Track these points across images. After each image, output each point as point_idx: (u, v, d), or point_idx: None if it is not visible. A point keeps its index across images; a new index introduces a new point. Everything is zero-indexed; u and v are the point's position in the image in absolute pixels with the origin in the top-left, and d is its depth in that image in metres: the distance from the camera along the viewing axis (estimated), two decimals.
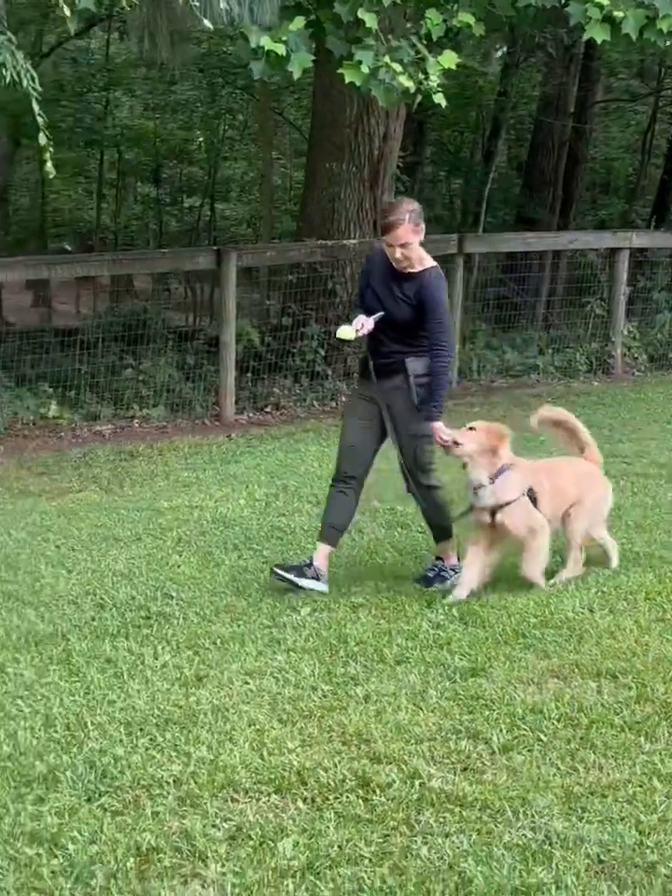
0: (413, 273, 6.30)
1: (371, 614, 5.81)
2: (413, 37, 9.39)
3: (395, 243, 6.20)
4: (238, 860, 3.56)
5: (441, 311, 6.28)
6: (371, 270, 6.54)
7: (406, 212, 6.21)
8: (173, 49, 10.66)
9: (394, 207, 6.40)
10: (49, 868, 3.57)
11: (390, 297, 6.32)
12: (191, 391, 12.89)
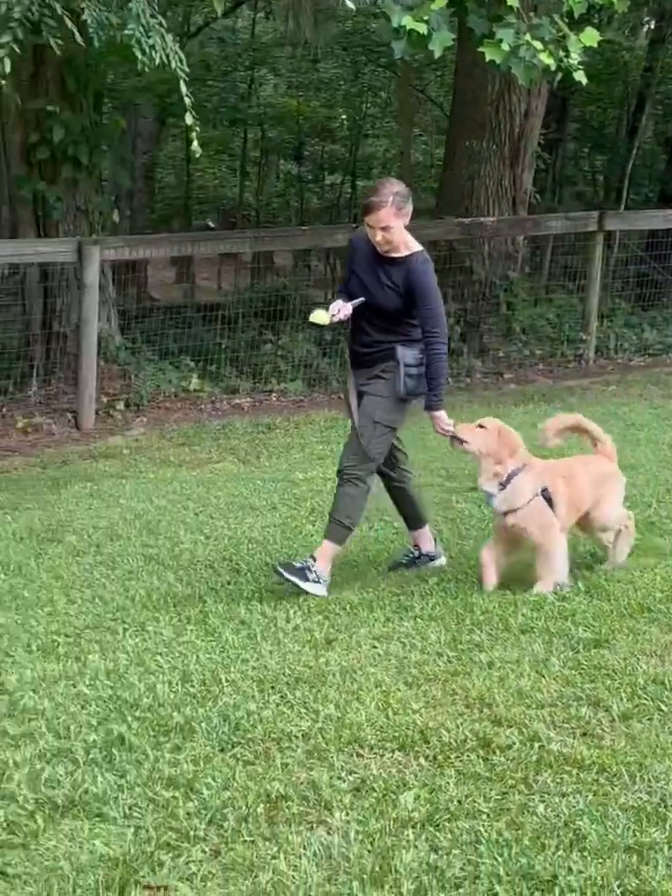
0: (399, 259, 6.04)
1: (497, 585, 5.93)
2: (554, 15, 9.38)
3: (375, 225, 5.94)
4: (362, 809, 3.73)
5: (431, 297, 6.00)
6: (354, 254, 6.23)
7: (390, 194, 5.94)
8: (317, 29, 10.85)
9: (378, 188, 6.07)
10: (184, 810, 3.79)
11: (376, 283, 6.07)
12: (328, 366, 13.10)
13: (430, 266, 6.08)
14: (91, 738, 4.35)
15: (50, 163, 11.94)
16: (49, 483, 9.35)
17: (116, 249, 11.87)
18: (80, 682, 4.94)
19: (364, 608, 5.72)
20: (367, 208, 5.98)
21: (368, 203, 5.99)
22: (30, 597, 6.29)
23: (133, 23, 7.99)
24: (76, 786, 3.98)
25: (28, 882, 3.42)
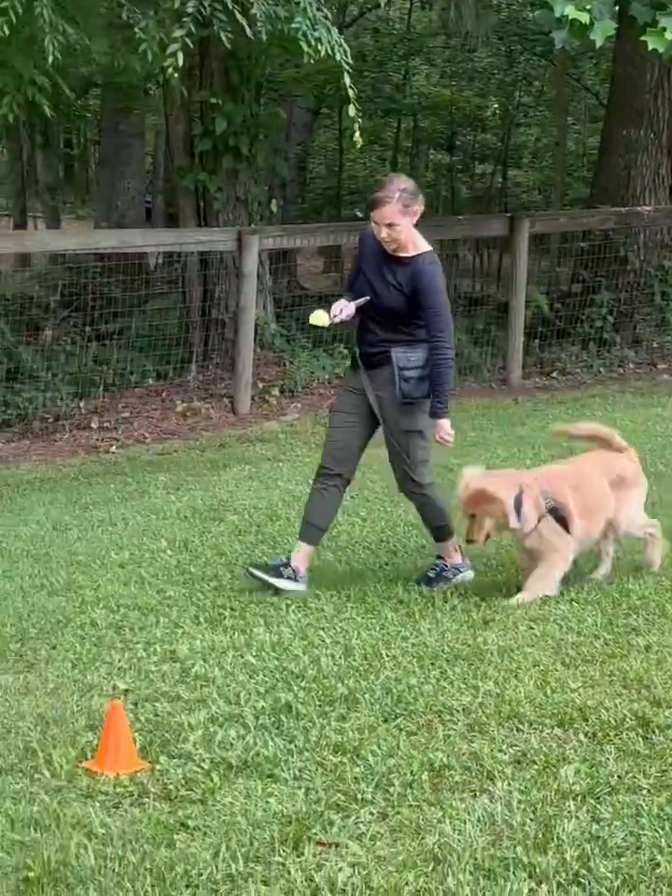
0: (406, 259, 5.86)
1: (652, 572, 5.98)
2: None
3: (381, 221, 5.74)
4: (523, 780, 3.87)
5: (437, 300, 5.83)
6: (363, 252, 6.05)
7: (397, 190, 5.75)
8: (477, 19, 10.91)
9: (385, 184, 5.88)
10: (351, 774, 3.96)
11: (381, 282, 5.89)
12: (479, 356, 13.17)
13: (438, 268, 5.92)
14: (260, 705, 4.56)
15: (212, 154, 12.25)
16: (208, 465, 9.64)
17: (274, 238, 12.12)
18: (247, 653, 5.16)
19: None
20: (372, 204, 5.78)
21: (373, 199, 5.78)
22: (196, 572, 6.54)
23: (300, 16, 8.19)
24: (247, 748, 4.19)
25: (208, 834, 3.63)
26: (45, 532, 7.55)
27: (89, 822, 3.72)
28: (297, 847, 3.54)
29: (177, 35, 8.08)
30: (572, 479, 5.92)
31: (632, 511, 6.02)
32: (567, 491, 5.80)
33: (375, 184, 21.27)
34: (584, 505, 5.81)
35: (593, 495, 5.88)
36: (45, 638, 5.51)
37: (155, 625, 5.62)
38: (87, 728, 4.43)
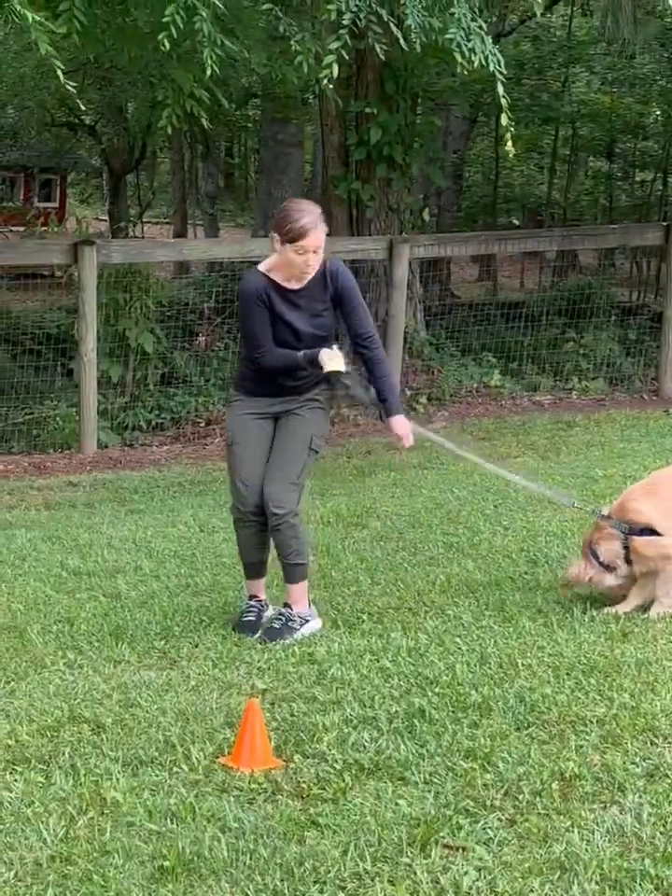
0: (312, 279, 5.49)
1: None
2: None
3: (310, 247, 5.34)
4: (655, 793, 3.84)
5: (358, 295, 5.58)
6: (268, 302, 5.47)
7: (318, 214, 5.42)
8: (635, 26, 10.81)
9: (303, 210, 5.42)
10: (481, 780, 3.99)
11: (310, 317, 5.50)
12: (631, 366, 13.03)
13: (345, 264, 5.66)
14: (394, 709, 4.62)
15: (366, 163, 12.38)
16: (353, 471, 9.74)
17: (425, 247, 12.18)
18: (384, 657, 5.22)
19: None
20: (301, 232, 5.31)
21: (302, 227, 5.31)
22: (337, 577, 6.63)
23: (454, 27, 8.24)
24: (379, 751, 4.25)
25: (338, 832, 3.70)
26: (192, 534, 7.74)
27: (223, 816, 3.83)
28: (424, 848, 3.59)
29: (333, 47, 8.21)
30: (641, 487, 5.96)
31: None
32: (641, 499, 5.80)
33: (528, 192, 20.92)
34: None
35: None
36: (188, 637, 5.66)
37: None
38: (225, 725, 4.54)
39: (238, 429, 5.70)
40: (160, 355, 11.94)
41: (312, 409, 5.65)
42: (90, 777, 4.10)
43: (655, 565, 5.72)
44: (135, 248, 11.59)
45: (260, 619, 5.81)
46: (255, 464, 5.63)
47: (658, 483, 5.97)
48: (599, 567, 5.81)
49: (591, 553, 5.83)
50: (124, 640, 5.61)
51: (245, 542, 5.81)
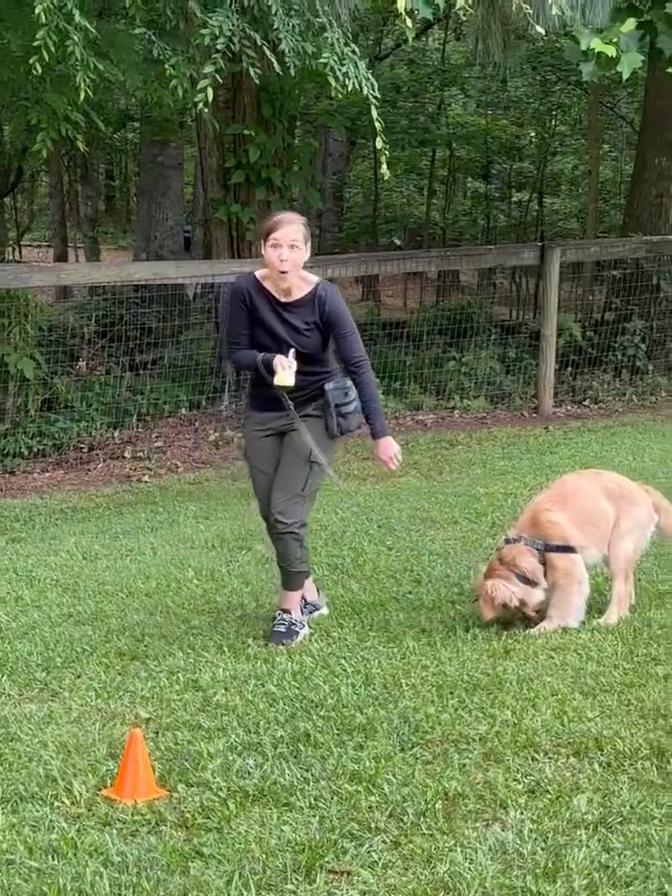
0: (303, 297, 5.65)
1: None
2: None
3: (284, 239, 5.46)
4: (536, 809, 3.90)
5: (349, 321, 5.73)
6: (252, 304, 5.66)
7: (299, 218, 5.65)
8: (505, 51, 11.00)
9: (285, 213, 5.77)
10: (366, 803, 4.00)
11: (291, 331, 5.66)
12: (512, 383, 13.21)
13: (337, 289, 5.80)
14: (279, 734, 4.61)
15: (245, 186, 12.39)
16: (238, 494, 9.70)
17: (305, 269, 12.19)
18: (269, 682, 5.21)
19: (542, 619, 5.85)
20: (276, 224, 5.51)
21: (277, 221, 5.54)
22: (221, 602, 6.60)
23: (327, 52, 8.29)
24: (265, 777, 4.24)
25: (222, 862, 3.67)
26: (74, 561, 7.64)
27: (105, 850, 3.78)
28: (309, 874, 3.58)
29: (208, 71, 8.21)
30: (550, 500, 5.97)
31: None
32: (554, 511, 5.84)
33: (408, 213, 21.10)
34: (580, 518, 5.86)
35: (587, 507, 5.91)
36: (70, 667, 5.58)
37: (179, 654, 5.67)
38: (108, 756, 4.49)
39: (249, 446, 6.03)
40: (40, 380, 11.77)
41: (310, 423, 5.76)
42: None
43: (558, 579, 5.79)
44: (11, 273, 11.40)
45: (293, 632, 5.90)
46: (267, 480, 5.87)
47: (565, 495, 5.99)
48: (525, 585, 5.78)
49: (515, 576, 5.76)
50: (4, 672, 5.51)
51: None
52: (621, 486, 6.00)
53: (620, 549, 5.86)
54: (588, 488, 5.99)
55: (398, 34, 17.69)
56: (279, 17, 8.15)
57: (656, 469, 9.14)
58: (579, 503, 5.91)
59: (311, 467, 5.77)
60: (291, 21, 8.24)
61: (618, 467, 8.68)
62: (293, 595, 5.97)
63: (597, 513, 5.90)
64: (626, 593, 5.85)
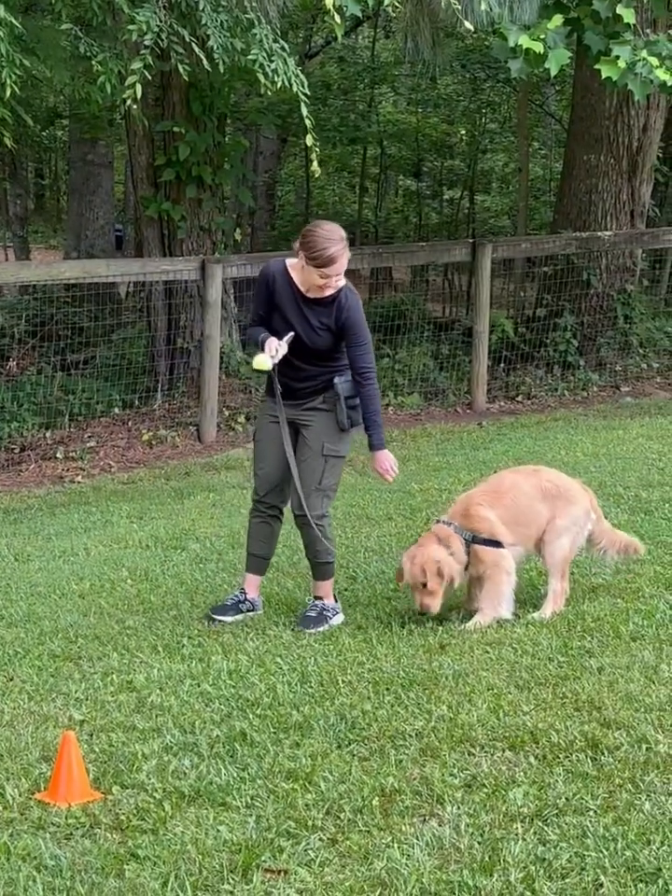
0: (325, 298, 5.78)
1: (609, 594, 6.04)
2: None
3: (334, 274, 5.65)
4: (472, 804, 3.89)
5: (363, 332, 5.82)
6: (273, 288, 5.85)
7: (342, 239, 5.67)
8: (434, 48, 11.02)
9: (330, 236, 5.65)
10: (303, 801, 3.98)
11: (307, 326, 5.81)
12: (445, 380, 13.26)
13: (358, 298, 5.88)
14: (215, 734, 4.58)
15: (175, 184, 12.32)
16: (172, 493, 9.66)
17: (238, 267, 12.17)
18: (204, 681, 5.18)
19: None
20: (331, 259, 5.59)
21: (332, 255, 5.59)
22: (156, 602, 6.55)
23: (256, 48, 8.27)
24: (201, 777, 4.20)
25: (157, 864, 3.63)
26: (6, 563, 7.56)
27: (39, 854, 3.72)
28: (246, 874, 3.56)
29: (136, 67, 8.15)
30: (484, 494, 5.98)
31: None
32: (486, 507, 5.86)
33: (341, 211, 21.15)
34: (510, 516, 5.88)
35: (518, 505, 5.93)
36: (2, 670, 5.50)
37: (113, 655, 5.62)
38: (41, 759, 4.43)
39: (259, 428, 6.20)
40: None
41: (319, 416, 5.91)
42: None
43: (485, 571, 5.81)
44: None
45: (237, 610, 6.11)
46: (270, 458, 6.02)
47: (501, 491, 5.97)
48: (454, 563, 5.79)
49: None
50: None
51: (254, 531, 6.20)
52: (558, 485, 5.98)
53: (556, 547, 5.88)
54: (524, 487, 5.97)
55: (327, 31, 17.66)
56: (207, 13, 8.12)
57: (588, 464, 9.19)
58: (512, 502, 5.91)
59: (326, 460, 5.92)
60: (219, 16, 8.22)
61: (551, 461, 8.73)
62: (323, 585, 6.11)
63: (529, 514, 5.90)
64: (562, 590, 5.87)
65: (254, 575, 6.26)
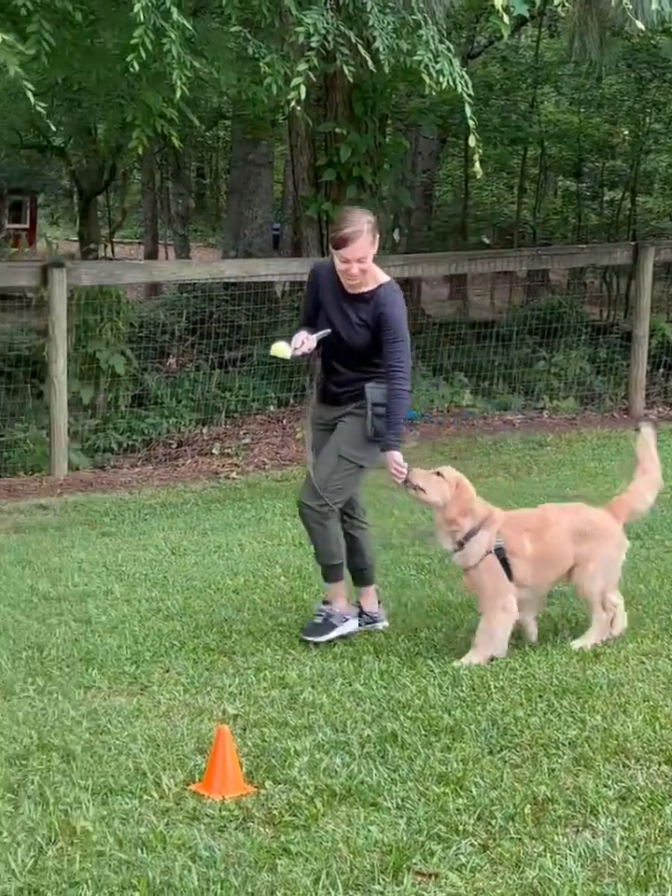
0: (367, 293, 5.66)
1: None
2: None
3: (352, 257, 5.50)
4: (627, 816, 3.84)
5: (399, 331, 5.60)
6: (319, 286, 5.79)
7: (364, 223, 5.53)
8: (602, 48, 10.88)
9: (348, 217, 5.60)
10: (454, 805, 3.97)
11: (346, 322, 5.70)
12: (602, 384, 13.07)
13: (400, 297, 5.71)
14: (366, 733, 4.60)
15: (336, 184, 12.40)
16: None
17: (396, 268, 12.18)
18: (356, 681, 5.21)
19: (633, 623, 5.77)
20: (343, 240, 5.49)
21: (344, 235, 5.49)
22: (308, 599, 6.60)
23: (422, 49, 8.27)
24: (352, 776, 4.22)
25: (309, 860, 3.66)
26: (163, 556, 7.70)
27: (193, 844, 3.79)
28: (396, 875, 3.56)
29: (301, 69, 8.22)
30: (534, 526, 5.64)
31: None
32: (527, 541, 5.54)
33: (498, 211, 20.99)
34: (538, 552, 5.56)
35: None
36: (159, 662, 5.62)
37: (266, 651, 5.69)
38: (196, 751, 4.51)
39: (308, 429, 6.15)
40: (131, 376, 11.90)
41: (350, 420, 5.77)
42: (59, 806, 4.06)
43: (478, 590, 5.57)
44: (105, 270, 11.54)
45: (329, 624, 5.88)
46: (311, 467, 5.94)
47: (541, 530, 5.61)
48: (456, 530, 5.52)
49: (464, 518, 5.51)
50: (94, 666, 5.57)
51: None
52: (594, 524, 5.67)
53: (593, 587, 5.60)
54: (564, 526, 5.63)
55: (491, 31, 17.55)
56: (374, 14, 8.14)
57: None
58: (547, 543, 5.58)
59: (339, 461, 5.76)
60: (386, 18, 8.23)
61: None
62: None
63: (556, 557, 5.59)
64: (606, 620, 5.61)
65: (328, 583, 6.07)
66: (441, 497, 5.54)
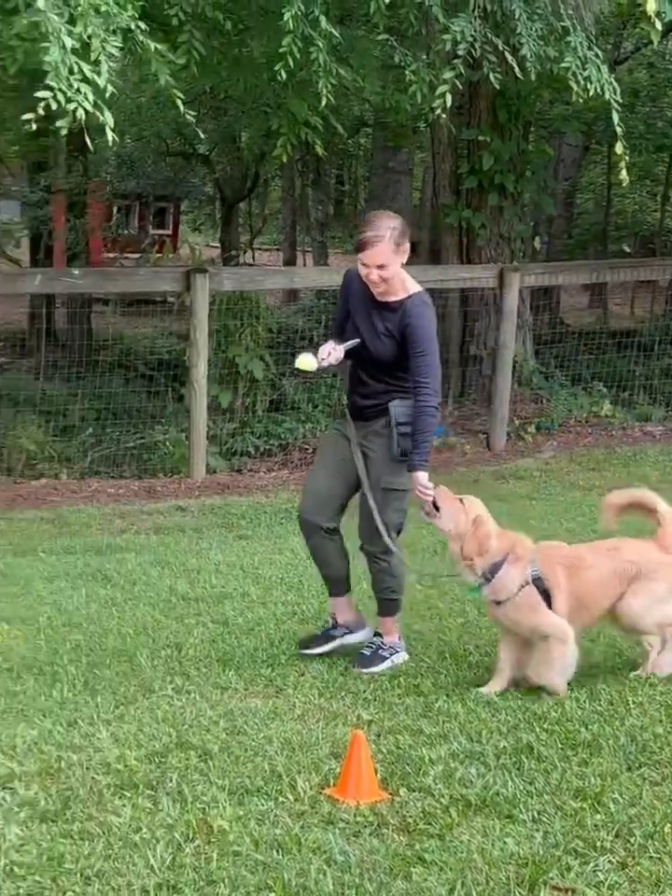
0: (395, 303, 5.41)
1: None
2: None
3: (371, 263, 5.29)
4: None
5: (426, 344, 5.31)
6: (349, 294, 5.59)
7: (387, 228, 5.27)
8: None
9: (372, 221, 5.37)
10: (592, 821, 3.92)
11: (372, 331, 5.46)
12: None
13: (430, 310, 5.44)
14: (502, 744, 4.57)
15: (477, 192, 12.36)
16: None
17: (536, 276, 12.11)
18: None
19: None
20: (361, 244, 5.31)
21: (362, 240, 5.31)
22: (444, 608, 6.59)
23: (570, 56, 8.20)
24: (487, 787, 4.20)
25: (444, 870, 3.65)
26: (298, 561, 7.75)
27: (329, 848, 3.80)
28: (532, 889, 3.53)
29: (447, 77, 8.21)
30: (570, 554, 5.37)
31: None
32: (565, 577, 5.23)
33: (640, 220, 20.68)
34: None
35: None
36: (294, 665, 5.66)
37: None
38: (330, 755, 4.52)
39: (322, 441, 6.00)
40: (269, 381, 12.02)
41: (379, 445, 5.52)
42: (196, 805, 4.11)
43: (519, 632, 5.29)
44: (246, 276, 11.68)
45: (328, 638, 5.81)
46: (320, 476, 5.79)
47: (581, 568, 5.30)
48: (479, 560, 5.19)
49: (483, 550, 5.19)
50: (231, 667, 5.63)
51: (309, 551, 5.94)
52: (638, 564, 5.35)
53: (644, 625, 5.35)
54: (608, 567, 5.32)
55: (638, 37, 17.32)
56: (522, 21, 8.09)
57: None
58: (586, 581, 5.27)
59: (384, 494, 5.53)
60: (534, 25, 8.17)
61: None
62: (384, 621, 5.81)
63: (594, 598, 5.31)
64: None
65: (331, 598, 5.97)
66: (454, 526, 5.27)
